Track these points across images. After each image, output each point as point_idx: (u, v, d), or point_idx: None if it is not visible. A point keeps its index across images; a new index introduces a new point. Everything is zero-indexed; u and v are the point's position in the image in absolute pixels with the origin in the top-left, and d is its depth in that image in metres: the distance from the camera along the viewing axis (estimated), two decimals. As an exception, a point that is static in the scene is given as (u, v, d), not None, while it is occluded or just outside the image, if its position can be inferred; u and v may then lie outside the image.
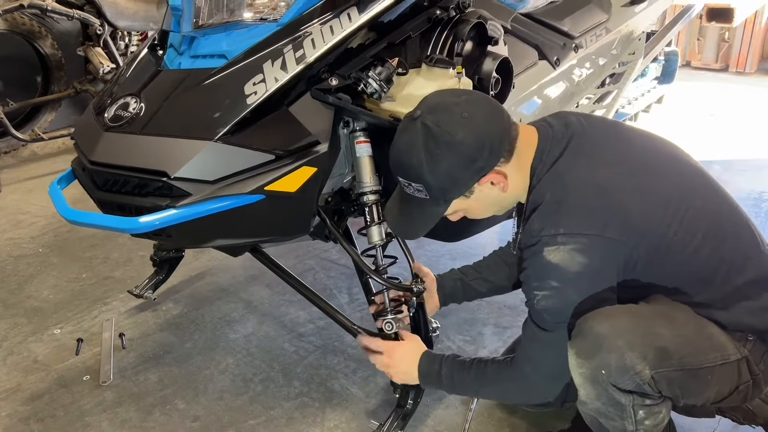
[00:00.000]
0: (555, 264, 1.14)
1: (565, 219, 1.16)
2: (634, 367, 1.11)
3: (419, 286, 1.50)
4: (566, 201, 1.17)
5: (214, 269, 2.36)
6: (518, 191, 1.25)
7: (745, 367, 1.20)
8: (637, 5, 2.54)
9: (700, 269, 1.20)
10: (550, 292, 1.17)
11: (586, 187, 1.17)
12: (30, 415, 1.62)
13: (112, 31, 3.59)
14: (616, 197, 1.17)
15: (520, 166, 1.23)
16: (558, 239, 1.14)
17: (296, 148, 1.34)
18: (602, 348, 1.13)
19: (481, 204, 1.26)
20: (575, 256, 1.13)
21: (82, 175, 1.46)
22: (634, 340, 1.13)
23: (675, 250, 1.18)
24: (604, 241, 1.14)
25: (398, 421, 1.50)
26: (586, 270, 1.14)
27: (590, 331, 1.16)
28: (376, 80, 1.42)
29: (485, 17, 1.65)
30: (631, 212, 1.16)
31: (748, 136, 3.95)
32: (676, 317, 1.19)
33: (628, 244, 1.15)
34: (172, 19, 1.50)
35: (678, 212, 1.18)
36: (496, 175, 1.20)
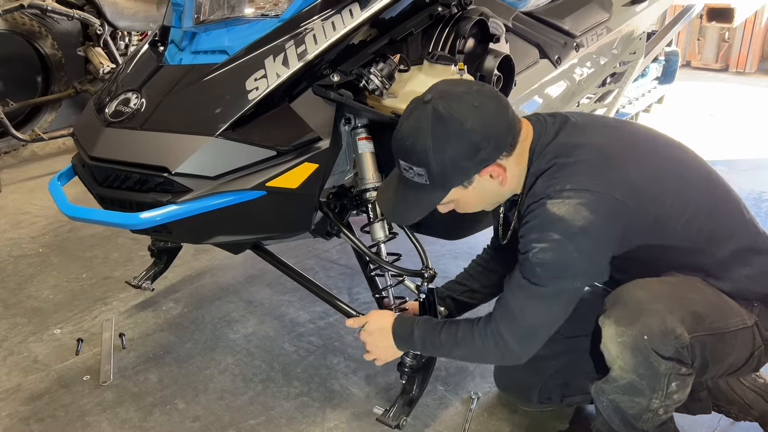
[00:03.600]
0: (559, 216, 1.13)
1: (573, 176, 1.16)
2: (674, 330, 1.12)
3: (429, 272, 1.49)
4: (573, 162, 1.18)
5: (214, 269, 2.35)
6: (514, 185, 1.26)
7: (758, 332, 1.22)
8: (637, 5, 2.54)
9: (695, 239, 1.22)
10: (549, 244, 1.14)
11: (591, 151, 1.19)
12: (30, 415, 1.61)
13: (112, 31, 3.59)
14: (619, 161, 1.19)
15: (519, 161, 1.23)
16: (564, 194, 1.14)
17: (298, 145, 1.34)
18: (643, 313, 1.14)
19: (476, 195, 1.25)
20: (581, 210, 1.12)
21: (83, 171, 1.45)
22: (671, 304, 1.15)
23: (673, 219, 1.20)
24: (610, 200, 1.14)
25: (404, 407, 1.50)
26: (591, 225, 1.13)
27: (630, 297, 1.17)
28: (378, 77, 1.42)
29: (487, 15, 1.65)
30: (633, 177, 1.17)
31: (748, 136, 3.94)
32: (697, 286, 1.21)
33: (631, 206, 1.15)
34: (174, 14, 1.50)
35: (671, 183, 1.21)
36: (497, 168, 1.20)
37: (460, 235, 1.89)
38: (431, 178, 1.19)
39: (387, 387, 1.69)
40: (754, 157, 3.54)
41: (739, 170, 3.26)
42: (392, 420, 1.46)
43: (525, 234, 1.20)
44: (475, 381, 1.71)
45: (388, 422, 1.47)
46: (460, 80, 1.31)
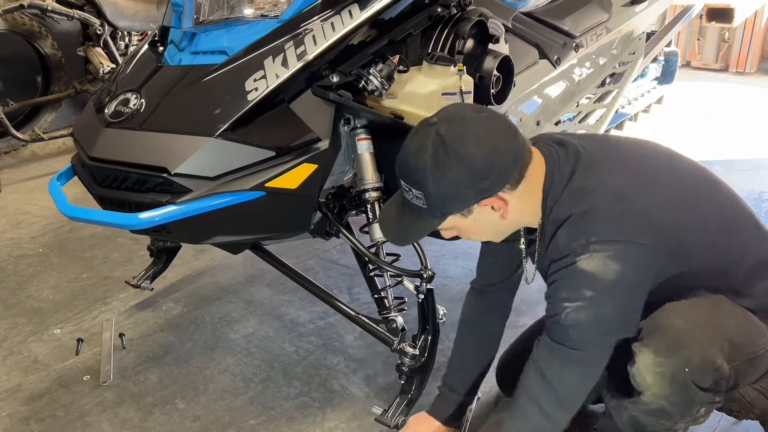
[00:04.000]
0: (590, 272, 1.09)
1: (595, 227, 1.12)
2: (715, 362, 1.10)
3: (428, 272, 1.48)
4: (592, 210, 1.13)
5: (214, 269, 2.35)
6: (519, 218, 1.20)
7: None
8: (637, 5, 2.54)
9: (719, 259, 1.19)
10: (583, 303, 1.10)
11: (608, 196, 1.14)
12: (30, 415, 1.61)
13: (112, 31, 3.59)
14: (636, 202, 1.14)
15: (529, 193, 1.17)
16: (590, 247, 1.10)
17: (297, 145, 1.34)
18: (684, 344, 1.11)
19: (477, 227, 1.19)
20: (609, 263, 1.09)
21: (82, 171, 1.46)
22: (711, 334, 1.12)
23: (696, 243, 1.17)
24: (636, 247, 1.10)
25: (402, 407, 1.50)
26: (622, 278, 1.09)
27: (669, 326, 1.13)
28: (377, 77, 1.42)
29: (486, 15, 1.66)
30: (653, 214, 1.13)
31: (748, 136, 3.94)
32: (726, 308, 1.19)
33: (657, 248, 1.12)
34: (173, 15, 1.50)
35: (690, 206, 1.18)
36: (498, 201, 1.13)
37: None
38: (429, 202, 1.13)
39: (387, 387, 1.69)
40: (754, 157, 3.54)
41: (738, 170, 3.26)
42: (391, 420, 1.47)
43: (553, 294, 1.15)
44: (474, 381, 1.71)
45: (386, 422, 1.47)
46: (473, 105, 1.27)
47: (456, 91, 1.52)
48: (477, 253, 1.65)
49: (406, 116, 1.47)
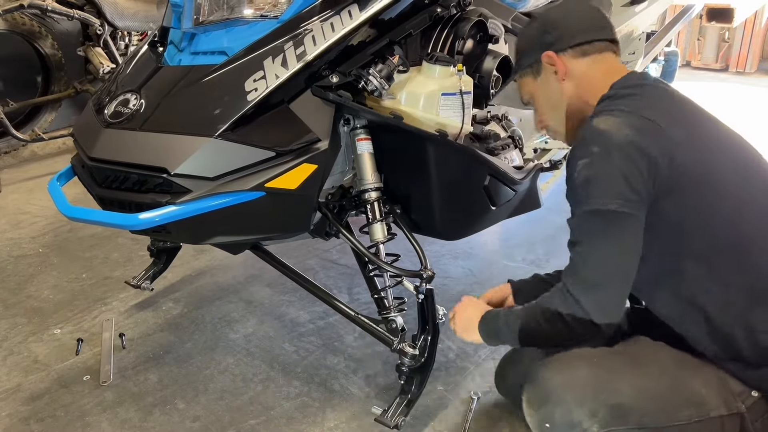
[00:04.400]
0: (602, 130, 1.11)
1: (628, 102, 1.16)
2: (580, 423, 1.10)
3: (428, 272, 1.49)
4: (635, 94, 1.18)
5: (214, 269, 2.36)
6: (579, 97, 1.26)
7: (734, 423, 1.13)
8: (637, 5, 2.54)
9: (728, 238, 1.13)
10: (589, 159, 1.10)
11: (661, 93, 1.21)
12: (30, 415, 1.61)
13: (112, 31, 3.59)
14: (685, 107, 1.20)
15: (590, 76, 1.25)
16: (614, 112, 1.14)
17: (297, 145, 1.34)
18: (549, 400, 1.12)
19: (544, 92, 1.32)
20: (624, 128, 1.10)
21: (82, 171, 1.46)
22: (585, 396, 1.11)
23: (712, 192, 1.13)
24: (658, 128, 1.11)
25: (402, 407, 1.50)
26: (631, 144, 1.08)
27: (542, 380, 1.15)
28: (377, 77, 1.42)
29: (486, 15, 1.66)
30: (696, 124, 1.16)
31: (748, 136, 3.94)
32: (649, 368, 1.15)
33: (680, 143, 1.11)
34: (173, 15, 1.50)
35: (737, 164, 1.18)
36: (558, 60, 1.25)
37: (459, 235, 1.90)
38: (516, 58, 1.37)
39: (387, 387, 1.69)
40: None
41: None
42: (391, 420, 1.47)
43: (572, 154, 1.16)
44: (475, 381, 1.71)
45: (386, 422, 1.47)
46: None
47: (456, 91, 1.52)
48: (477, 254, 1.65)
49: (405, 116, 1.47)
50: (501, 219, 1.87)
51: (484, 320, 1.31)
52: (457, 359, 1.81)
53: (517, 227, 2.51)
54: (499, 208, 1.75)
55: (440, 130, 1.50)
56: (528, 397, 1.17)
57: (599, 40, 1.26)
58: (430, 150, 1.53)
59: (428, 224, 1.71)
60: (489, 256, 2.39)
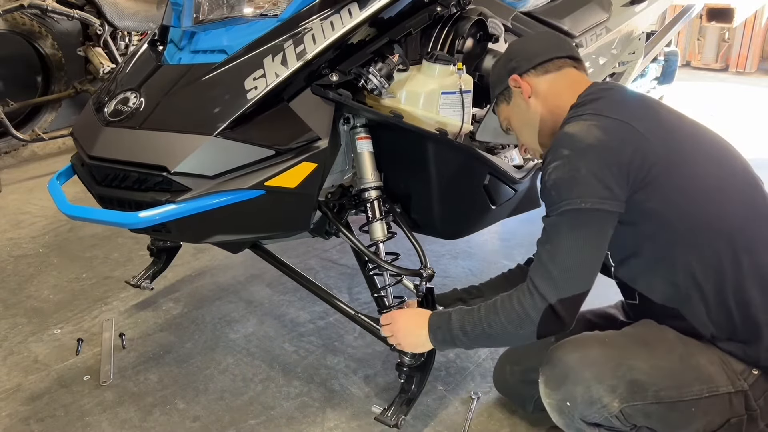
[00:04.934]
0: (571, 134, 1.15)
1: (597, 105, 1.19)
2: (600, 399, 1.11)
3: (428, 271, 1.49)
4: (603, 98, 1.22)
5: (214, 269, 2.35)
6: (548, 111, 1.31)
7: (740, 401, 1.16)
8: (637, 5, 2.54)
9: (713, 220, 1.16)
10: (560, 161, 1.13)
11: (628, 94, 1.28)
12: (30, 415, 1.61)
13: (112, 31, 3.59)
14: (653, 107, 1.24)
15: (555, 89, 1.31)
16: (583, 117, 1.18)
17: (296, 144, 1.33)
18: (568, 379, 1.13)
19: (516, 114, 1.39)
20: (593, 130, 1.13)
21: (82, 170, 1.45)
22: (603, 372, 1.12)
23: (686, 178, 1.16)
24: (627, 127, 1.13)
25: (402, 406, 1.50)
26: (600, 144, 1.11)
27: (558, 360, 1.15)
28: (377, 76, 1.42)
29: (486, 15, 1.65)
30: (665, 120, 1.20)
31: (748, 136, 3.94)
32: (659, 347, 1.17)
33: (651, 140, 1.13)
34: (173, 14, 1.50)
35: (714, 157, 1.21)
36: (523, 82, 1.33)
37: (459, 235, 1.89)
38: (490, 89, 1.45)
39: (387, 387, 1.69)
40: (754, 157, 3.52)
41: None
42: (390, 419, 1.46)
43: (544, 160, 1.20)
44: (475, 381, 1.71)
45: (386, 421, 1.47)
46: None
47: (456, 90, 1.52)
48: (477, 253, 1.65)
49: (405, 115, 1.47)
50: (501, 218, 1.87)
51: (434, 326, 1.29)
52: (457, 359, 1.81)
53: (517, 227, 2.51)
54: (499, 207, 1.75)
55: (440, 128, 1.50)
56: (545, 379, 1.17)
57: (558, 58, 1.33)
58: (430, 149, 1.53)
59: (428, 223, 1.71)
60: (489, 255, 2.39)
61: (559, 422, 1.18)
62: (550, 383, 1.16)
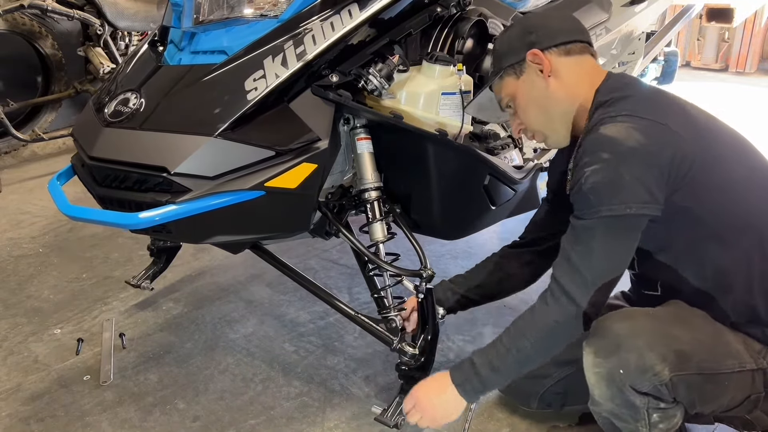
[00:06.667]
0: (610, 137, 1.11)
1: (630, 105, 1.16)
2: (653, 367, 1.11)
3: (428, 272, 1.49)
4: (633, 96, 1.19)
5: (214, 269, 2.35)
6: (565, 95, 1.26)
7: (760, 378, 1.19)
8: (636, 5, 2.54)
9: (742, 215, 1.18)
10: (600, 165, 1.10)
11: (654, 91, 1.25)
12: (30, 415, 1.61)
13: (113, 31, 3.59)
14: (683, 104, 1.21)
15: (575, 74, 1.26)
16: (618, 118, 1.14)
17: (297, 145, 1.34)
18: (621, 347, 1.12)
19: (527, 91, 1.29)
20: (633, 132, 1.11)
21: (82, 170, 1.45)
22: (654, 341, 1.12)
23: (726, 179, 1.17)
24: (664, 129, 1.12)
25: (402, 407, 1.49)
26: (641, 147, 1.09)
27: (609, 329, 1.15)
28: (377, 77, 1.42)
29: (486, 15, 1.66)
30: (698, 118, 1.18)
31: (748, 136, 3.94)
32: (694, 322, 1.19)
33: (687, 139, 1.13)
34: (173, 14, 1.50)
35: (739, 152, 1.21)
36: (543, 58, 1.25)
37: (459, 235, 1.90)
38: (494, 60, 1.34)
39: (387, 387, 1.69)
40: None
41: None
42: (390, 419, 1.46)
43: (578, 162, 1.16)
44: (474, 381, 1.71)
45: (386, 422, 1.47)
46: None
47: (456, 91, 1.53)
48: (477, 253, 1.65)
49: (405, 116, 1.47)
50: (501, 218, 1.87)
51: (460, 381, 1.24)
52: (456, 359, 1.81)
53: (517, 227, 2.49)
54: (498, 207, 1.75)
55: (440, 129, 1.50)
56: (595, 349, 1.15)
57: (580, 41, 1.28)
58: (430, 149, 1.53)
59: (428, 224, 1.71)
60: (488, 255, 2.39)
61: (604, 394, 1.16)
62: (600, 352, 1.14)
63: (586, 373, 1.18)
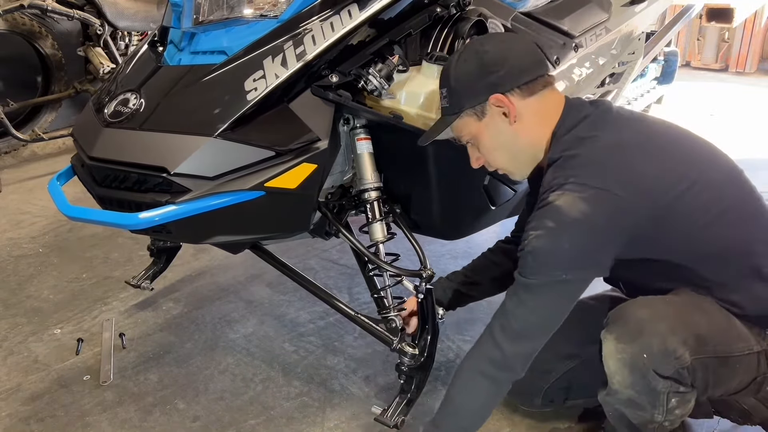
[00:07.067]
0: (556, 206, 1.14)
1: (577, 170, 1.16)
2: (675, 351, 1.12)
3: (428, 272, 1.49)
4: (581, 156, 1.18)
5: (214, 269, 2.36)
6: (529, 141, 1.26)
7: (764, 360, 1.22)
8: (636, 5, 2.54)
9: (717, 245, 1.20)
10: (543, 231, 1.14)
11: (601, 147, 1.20)
12: (30, 415, 1.61)
13: (113, 31, 3.60)
14: (631, 158, 1.18)
15: (541, 117, 1.24)
16: (565, 186, 1.15)
17: (296, 145, 1.33)
18: (644, 332, 1.14)
19: (491, 135, 1.26)
20: (578, 203, 1.13)
21: (82, 171, 1.45)
22: (675, 325, 1.14)
23: (688, 217, 1.18)
24: (611, 197, 1.13)
25: (402, 406, 1.50)
26: (586, 219, 1.12)
27: (632, 315, 1.17)
28: (377, 77, 1.42)
29: (485, 15, 1.65)
30: (644, 173, 1.17)
31: (748, 136, 3.94)
32: (705, 307, 1.21)
33: (635, 204, 1.14)
34: (173, 15, 1.50)
35: (692, 182, 1.19)
36: (506, 101, 1.22)
37: (459, 235, 1.90)
38: (450, 98, 1.27)
39: (387, 387, 1.69)
40: (754, 157, 3.54)
41: (738, 170, 3.25)
42: (390, 420, 1.47)
43: (526, 226, 1.19)
44: (474, 381, 1.71)
45: (386, 422, 1.47)
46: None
47: (455, 91, 1.52)
48: (477, 253, 1.65)
49: (405, 116, 1.47)
50: (501, 219, 1.87)
51: None
52: (456, 359, 1.81)
53: (517, 227, 2.52)
54: (498, 207, 1.75)
55: (440, 129, 1.50)
56: (617, 335, 1.17)
57: (541, 76, 1.25)
58: (430, 149, 1.53)
59: (428, 224, 1.71)
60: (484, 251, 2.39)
61: (625, 381, 1.17)
62: (623, 338, 1.16)
63: (606, 360, 1.18)
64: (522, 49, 1.27)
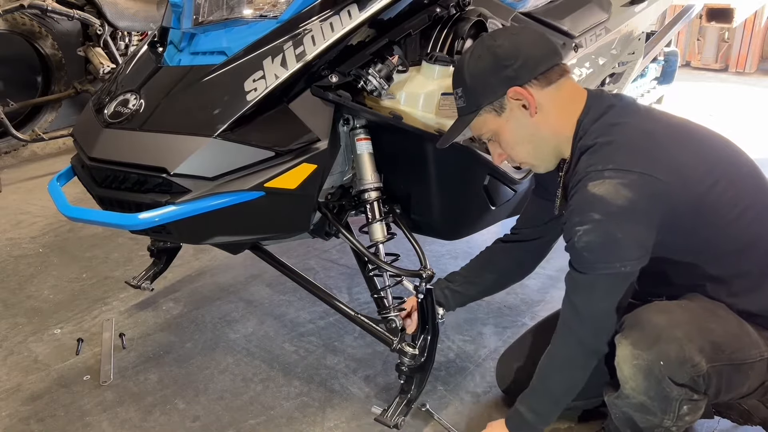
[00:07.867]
0: (599, 196, 1.12)
1: (615, 156, 1.15)
2: (692, 358, 1.12)
3: (428, 272, 1.49)
4: (616, 141, 1.17)
5: (214, 269, 2.36)
6: (551, 132, 1.25)
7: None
8: (636, 5, 2.54)
9: (740, 238, 1.20)
10: (591, 225, 1.12)
11: (636, 132, 1.19)
12: (30, 415, 1.61)
13: (113, 31, 3.60)
14: (666, 144, 1.18)
15: (561, 107, 1.23)
16: (605, 174, 1.13)
17: (296, 145, 1.34)
18: (661, 338, 1.13)
19: (512, 129, 1.25)
20: (621, 189, 1.11)
21: (82, 171, 1.46)
22: (692, 333, 1.14)
23: (722, 208, 1.18)
24: (652, 180, 1.12)
25: (402, 406, 1.50)
26: (631, 205, 1.11)
27: (649, 321, 1.16)
28: (376, 77, 1.42)
29: (485, 15, 1.65)
30: (680, 161, 1.16)
31: (748, 136, 3.94)
32: (719, 313, 1.21)
33: (675, 188, 1.14)
34: (172, 15, 1.50)
35: (724, 172, 1.19)
36: (525, 93, 1.20)
37: (459, 235, 1.90)
38: (466, 96, 1.26)
39: (387, 387, 1.69)
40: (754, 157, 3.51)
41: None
42: (390, 420, 1.47)
43: (568, 219, 1.18)
44: (475, 381, 1.71)
45: (386, 422, 1.47)
46: None
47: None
48: (476, 253, 1.65)
49: (405, 116, 1.47)
50: (501, 219, 1.88)
51: (514, 426, 1.32)
52: (456, 359, 1.81)
53: (517, 227, 2.52)
54: (498, 207, 1.76)
55: (440, 129, 1.50)
56: (633, 341, 1.16)
57: (557, 65, 1.24)
58: (430, 149, 1.54)
59: (428, 224, 1.71)
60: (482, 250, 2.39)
61: (639, 387, 1.16)
62: (640, 344, 1.15)
63: (620, 365, 1.17)
64: (534, 39, 1.25)
